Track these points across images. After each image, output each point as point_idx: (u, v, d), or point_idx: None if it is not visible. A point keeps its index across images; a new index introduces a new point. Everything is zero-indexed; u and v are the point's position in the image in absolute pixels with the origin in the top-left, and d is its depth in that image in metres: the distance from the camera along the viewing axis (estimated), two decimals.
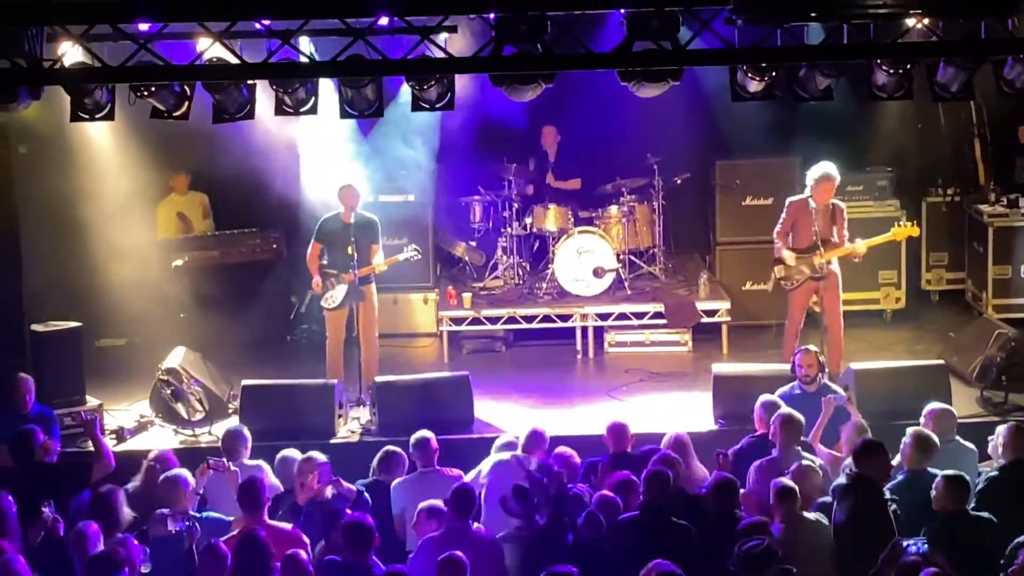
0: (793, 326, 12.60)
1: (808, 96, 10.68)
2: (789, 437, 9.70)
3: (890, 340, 13.98)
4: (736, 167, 14.80)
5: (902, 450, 9.46)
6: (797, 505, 8.70)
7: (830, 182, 12.30)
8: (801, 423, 9.84)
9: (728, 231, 14.87)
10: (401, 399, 11.75)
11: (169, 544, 8.67)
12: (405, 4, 9.67)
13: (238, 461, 9.90)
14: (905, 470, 9.40)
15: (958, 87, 10.58)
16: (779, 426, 9.75)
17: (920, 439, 9.40)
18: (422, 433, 9.98)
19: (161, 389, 12.04)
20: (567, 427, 11.62)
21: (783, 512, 8.64)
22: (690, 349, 14.15)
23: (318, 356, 13.04)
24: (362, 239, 12.32)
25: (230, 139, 13.15)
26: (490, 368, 13.66)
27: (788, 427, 9.72)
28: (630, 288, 14.52)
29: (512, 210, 14.88)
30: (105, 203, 13.93)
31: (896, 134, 14.92)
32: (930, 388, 11.14)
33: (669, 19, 9.61)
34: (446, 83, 10.56)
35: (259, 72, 10.21)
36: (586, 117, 14.96)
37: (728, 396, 11.63)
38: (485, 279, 15.01)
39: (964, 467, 9.37)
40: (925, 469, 9.27)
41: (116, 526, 8.86)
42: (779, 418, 9.79)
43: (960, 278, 15.10)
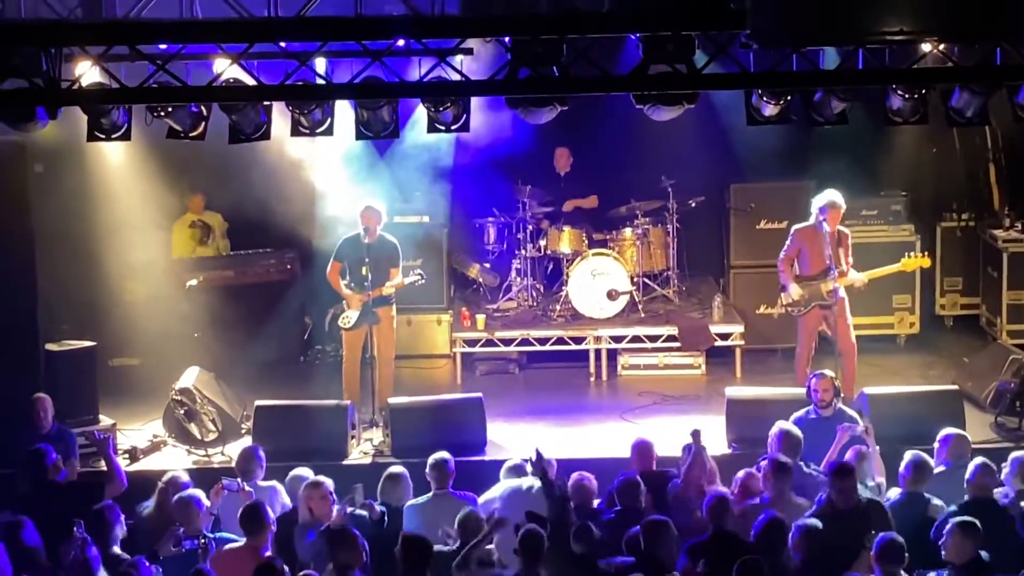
0: (804, 351, 12.59)
1: (823, 120, 10.69)
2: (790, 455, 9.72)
3: (904, 365, 13.95)
4: (750, 190, 14.80)
5: (900, 474, 9.53)
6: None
7: (836, 209, 12.30)
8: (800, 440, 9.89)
9: (742, 254, 14.86)
10: (414, 421, 11.75)
11: (182, 563, 8.67)
12: (422, 27, 9.69)
13: (252, 481, 9.91)
14: (903, 491, 9.49)
15: (973, 112, 10.58)
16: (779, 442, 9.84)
17: (918, 465, 9.46)
18: (440, 455, 9.94)
19: (174, 409, 12.05)
20: (580, 450, 11.60)
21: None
22: (703, 372, 14.14)
23: (331, 377, 13.07)
24: (380, 260, 12.33)
25: (246, 159, 13.19)
26: (503, 390, 13.66)
27: (780, 473, 9.58)
28: (644, 311, 14.52)
29: (526, 232, 14.90)
30: (120, 222, 13.99)
31: (911, 159, 14.92)
32: (944, 413, 11.14)
33: (685, 43, 9.62)
34: (462, 105, 10.59)
35: (276, 94, 10.24)
36: (601, 139, 14.99)
37: (741, 420, 11.61)
38: (499, 301, 15.01)
39: None
40: (920, 492, 9.38)
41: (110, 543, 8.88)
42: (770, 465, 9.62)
43: (975, 303, 15.08)
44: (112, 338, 13.73)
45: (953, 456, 9.87)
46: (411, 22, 9.63)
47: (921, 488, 9.41)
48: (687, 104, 10.36)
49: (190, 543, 8.80)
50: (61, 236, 13.62)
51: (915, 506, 9.31)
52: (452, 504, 9.58)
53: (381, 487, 9.86)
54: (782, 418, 10.62)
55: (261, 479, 10.10)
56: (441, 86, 10.23)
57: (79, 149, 12.58)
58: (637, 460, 10.14)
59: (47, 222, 12.78)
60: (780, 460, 9.62)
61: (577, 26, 9.68)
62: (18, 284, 11.95)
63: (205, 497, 9.36)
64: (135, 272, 14.14)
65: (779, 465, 9.56)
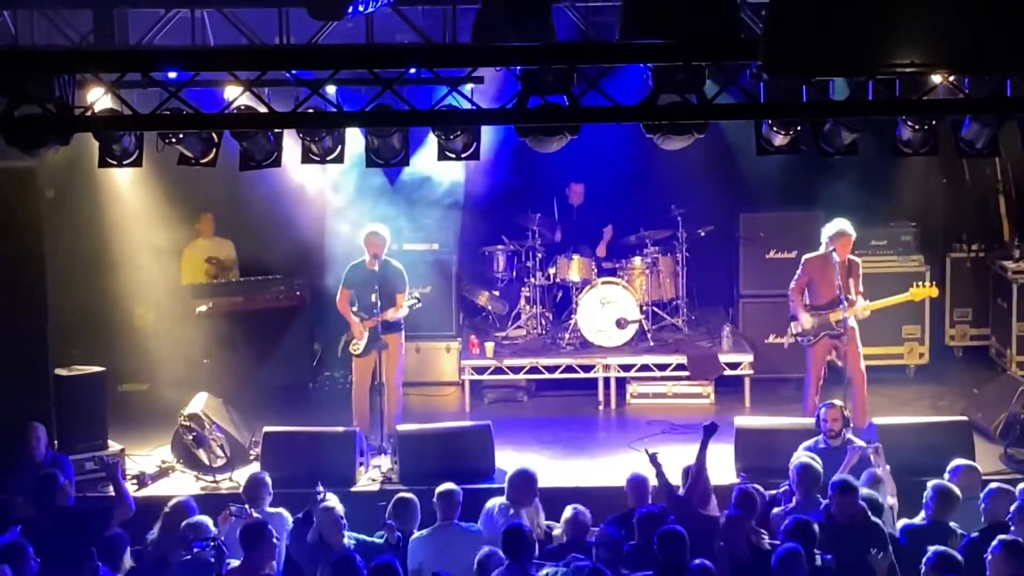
0: (814, 381, 12.57)
1: (833, 151, 10.71)
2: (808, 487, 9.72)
3: (913, 396, 13.92)
4: (760, 220, 14.80)
5: (926, 502, 9.54)
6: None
7: (847, 237, 12.31)
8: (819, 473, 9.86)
9: (751, 284, 14.85)
10: (423, 448, 11.74)
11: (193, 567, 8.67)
12: (433, 55, 9.73)
13: (260, 508, 9.91)
14: (928, 518, 9.50)
15: (983, 143, 10.61)
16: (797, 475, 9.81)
17: (943, 493, 9.48)
18: (448, 486, 9.92)
19: (183, 435, 12.05)
20: (588, 478, 11.60)
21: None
22: (713, 401, 14.12)
23: (340, 404, 13.07)
24: (387, 287, 12.34)
25: (256, 186, 13.22)
26: (512, 418, 13.65)
27: (806, 476, 9.73)
28: (653, 340, 14.52)
29: (535, 260, 14.90)
30: (130, 247, 14.02)
31: (921, 189, 14.92)
32: (953, 444, 11.12)
33: (695, 73, 9.65)
34: (472, 133, 10.62)
35: (287, 121, 10.28)
36: (611, 168, 15.02)
37: (750, 449, 11.59)
38: (508, 328, 15.01)
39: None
40: (947, 523, 9.37)
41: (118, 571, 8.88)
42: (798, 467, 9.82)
43: (984, 334, 15.05)
44: (122, 363, 13.76)
45: (964, 487, 9.84)
46: (422, 51, 9.69)
47: (947, 518, 9.41)
48: (697, 134, 10.39)
49: (199, 544, 8.79)
50: (71, 261, 13.65)
51: (939, 534, 9.24)
52: (458, 536, 9.57)
53: (391, 512, 9.85)
54: (791, 448, 10.64)
55: (268, 505, 10.09)
56: (451, 114, 10.27)
57: (90, 175, 12.62)
58: (632, 496, 10.08)
59: (58, 247, 12.81)
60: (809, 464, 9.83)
61: (588, 56, 9.73)
62: (28, 309, 11.97)
63: (212, 523, 9.35)
64: (145, 298, 14.17)
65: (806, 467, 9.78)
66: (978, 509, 9.64)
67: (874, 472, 10.06)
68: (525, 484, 10.11)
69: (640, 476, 10.20)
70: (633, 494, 10.08)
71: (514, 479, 10.16)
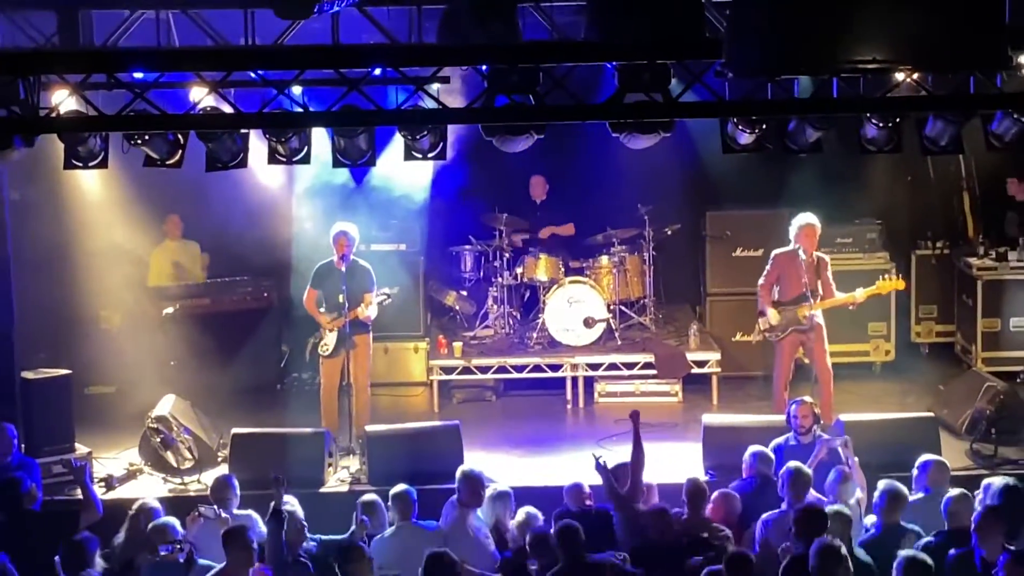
0: (781, 378, 12.62)
1: (798, 149, 10.78)
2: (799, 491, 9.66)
3: (880, 392, 13.98)
4: (726, 218, 14.87)
5: (875, 504, 9.51)
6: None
7: (812, 230, 12.38)
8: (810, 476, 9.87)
9: (718, 282, 14.91)
10: (391, 448, 11.72)
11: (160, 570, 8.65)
12: (399, 55, 9.74)
13: (228, 510, 9.87)
14: (879, 524, 9.43)
15: (947, 141, 10.67)
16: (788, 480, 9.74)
17: (892, 495, 9.43)
18: (401, 487, 9.92)
19: (150, 437, 12.01)
20: (557, 477, 11.59)
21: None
22: (680, 399, 14.15)
23: (308, 405, 13.05)
24: (354, 286, 12.33)
25: (222, 187, 13.19)
26: (480, 417, 13.65)
27: (797, 481, 9.71)
28: (620, 338, 14.55)
29: (503, 260, 14.92)
30: (96, 250, 13.97)
31: (885, 187, 14.99)
32: (920, 441, 11.17)
33: (660, 72, 9.69)
34: (439, 133, 10.63)
35: (253, 122, 10.27)
36: (577, 167, 15.05)
37: (718, 447, 11.63)
38: (476, 328, 15.02)
39: None
40: (898, 522, 9.34)
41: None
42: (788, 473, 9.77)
43: (949, 331, 15.15)
44: (88, 366, 13.71)
45: (933, 483, 9.89)
46: (388, 50, 9.69)
47: (896, 517, 9.40)
48: (663, 132, 10.43)
49: (165, 548, 8.75)
50: (37, 264, 13.59)
51: (892, 537, 9.20)
52: (417, 535, 9.57)
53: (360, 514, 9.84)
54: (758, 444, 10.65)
55: (236, 507, 10.06)
56: (418, 114, 10.28)
57: (56, 177, 12.55)
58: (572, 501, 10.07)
59: (23, 250, 12.76)
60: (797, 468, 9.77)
61: (554, 55, 9.76)
62: None
63: (180, 525, 9.33)
64: (111, 300, 14.12)
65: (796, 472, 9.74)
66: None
67: (842, 471, 10.07)
68: (470, 485, 10.07)
69: (578, 484, 10.20)
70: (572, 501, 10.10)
71: (459, 480, 10.13)
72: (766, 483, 10.15)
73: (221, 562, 9.08)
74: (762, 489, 10.10)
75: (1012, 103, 10.24)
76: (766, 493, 9.98)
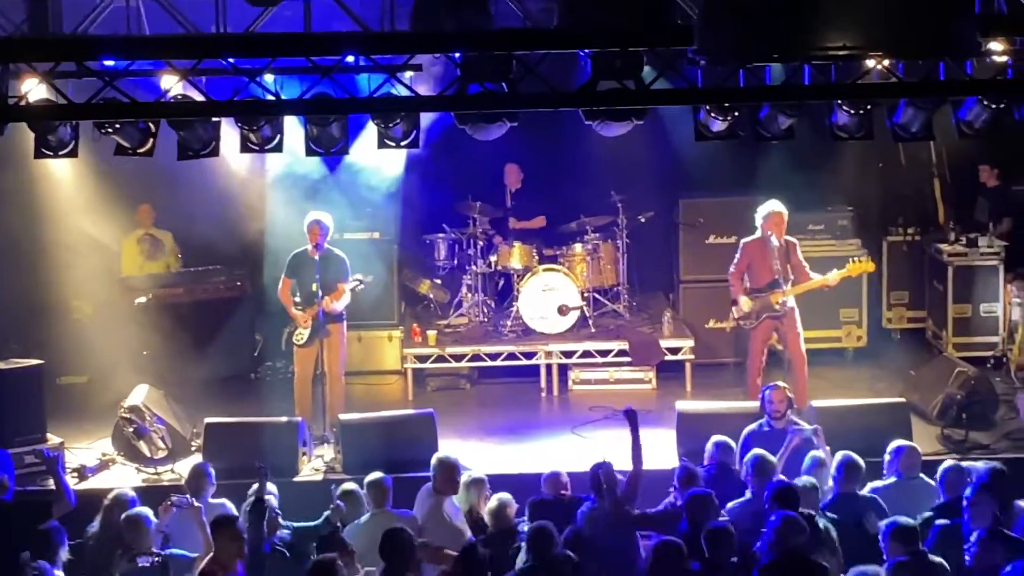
0: (755, 364, 12.66)
1: (770, 136, 10.81)
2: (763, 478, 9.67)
3: (852, 378, 14.04)
4: (699, 206, 14.89)
5: (833, 476, 9.68)
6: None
7: (779, 216, 12.42)
8: (773, 464, 9.88)
9: (692, 269, 14.94)
10: (366, 437, 11.72)
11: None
12: (371, 43, 9.71)
13: (203, 499, 9.84)
14: (836, 492, 9.63)
15: (918, 127, 10.72)
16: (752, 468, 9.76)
17: (848, 466, 9.61)
18: (376, 475, 9.91)
19: (123, 427, 11.98)
20: (531, 465, 11.62)
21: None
22: (654, 387, 14.19)
23: (282, 394, 13.03)
24: (328, 275, 12.31)
25: (194, 176, 13.14)
26: (455, 406, 13.66)
27: (760, 468, 9.73)
28: (594, 326, 14.57)
29: (477, 248, 14.92)
30: (68, 239, 13.93)
31: (857, 174, 15.05)
32: (891, 426, 11.22)
33: (633, 59, 9.70)
34: (412, 121, 10.61)
35: (225, 110, 10.23)
36: (550, 155, 15.05)
37: (692, 433, 11.64)
38: (450, 317, 15.02)
39: (926, 504, 9.47)
40: (854, 492, 9.52)
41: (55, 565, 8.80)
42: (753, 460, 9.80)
43: (921, 317, 15.22)
44: (60, 356, 13.66)
45: (904, 468, 9.96)
46: (360, 38, 9.66)
47: (854, 488, 9.54)
48: (636, 120, 10.45)
49: (144, 560, 8.73)
50: (8, 253, 13.55)
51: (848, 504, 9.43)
52: (392, 523, 9.53)
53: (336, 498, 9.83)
54: (733, 431, 10.69)
55: (211, 496, 10.05)
56: (390, 102, 10.26)
57: (26, 166, 12.48)
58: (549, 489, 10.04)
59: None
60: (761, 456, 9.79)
61: (526, 42, 9.74)
62: None
63: (153, 515, 9.31)
64: (83, 289, 14.08)
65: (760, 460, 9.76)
66: (916, 491, 9.76)
67: (819, 457, 10.12)
68: (445, 472, 10.07)
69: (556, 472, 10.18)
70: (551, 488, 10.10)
71: (434, 467, 10.10)
72: (726, 472, 10.19)
73: (194, 550, 9.09)
74: (721, 478, 10.11)
75: (982, 89, 10.29)
76: (725, 482, 10.01)
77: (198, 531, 9.16)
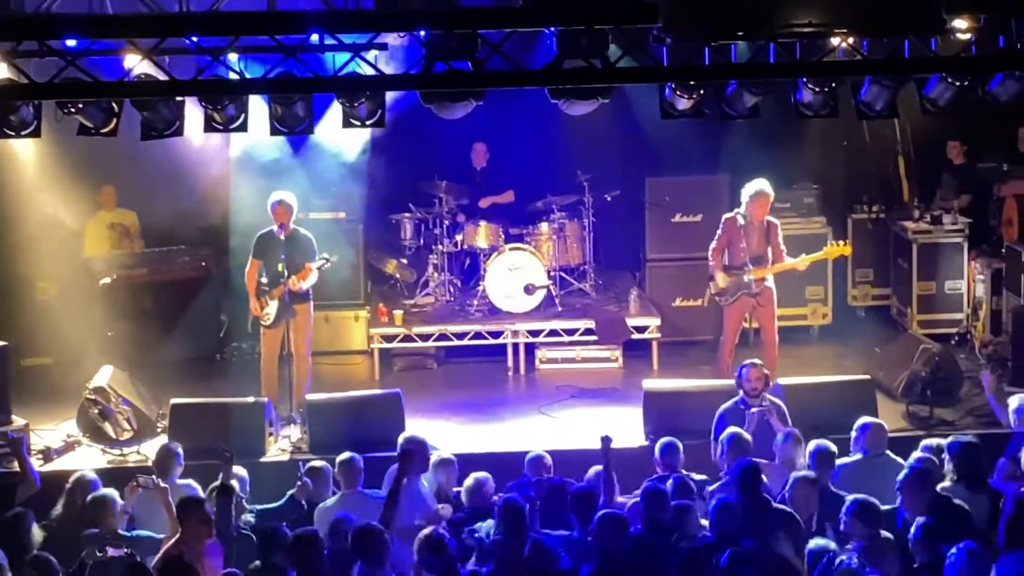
0: (728, 341, 12.68)
1: (736, 114, 10.80)
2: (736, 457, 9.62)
3: (817, 356, 14.11)
4: (666, 184, 14.90)
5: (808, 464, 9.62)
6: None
7: (765, 198, 12.42)
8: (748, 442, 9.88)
9: (658, 248, 14.96)
10: (332, 417, 11.71)
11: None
12: (336, 21, 9.66)
13: (170, 479, 9.81)
14: None
15: (882, 105, 10.74)
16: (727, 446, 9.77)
17: (822, 454, 9.58)
18: (348, 454, 9.87)
19: (88, 408, 11.92)
20: (498, 444, 11.64)
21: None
22: (620, 365, 14.21)
23: (248, 374, 13.00)
24: (294, 256, 12.26)
25: (159, 156, 13.07)
26: (422, 385, 13.65)
27: (734, 446, 9.75)
28: (561, 305, 14.58)
29: (443, 227, 14.90)
30: (31, 220, 13.83)
31: (822, 152, 15.09)
32: (857, 403, 11.27)
33: (598, 38, 9.68)
34: (377, 100, 10.57)
35: (188, 89, 10.15)
36: (516, 134, 15.03)
37: (658, 412, 11.69)
38: (416, 296, 15.00)
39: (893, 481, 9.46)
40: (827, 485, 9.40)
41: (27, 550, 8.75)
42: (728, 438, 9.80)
43: (886, 294, 15.29)
44: (24, 337, 13.59)
45: (870, 445, 9.97)
46: (325, 16, 9.60)
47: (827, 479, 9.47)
48: (602, 99, 10.43)
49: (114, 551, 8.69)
50: None
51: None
52: (364, 503, 9.53)
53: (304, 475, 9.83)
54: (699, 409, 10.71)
55: (179, 478, 10.01)
56: (355, 81, 10.21)
57: None
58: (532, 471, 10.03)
59: None
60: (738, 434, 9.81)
61: (492, 21, 9.70)
62: None
63: (119, 496, 9.27)
64: (47, 271, 13.99)
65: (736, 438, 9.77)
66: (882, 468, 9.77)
67: (792, 432, 10.11)
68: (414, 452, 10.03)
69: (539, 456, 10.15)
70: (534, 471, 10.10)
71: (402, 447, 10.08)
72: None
73: (159, 531, 9.06)
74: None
75: (946, 67, 10.31)
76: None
77: (164, 512, 9.14)
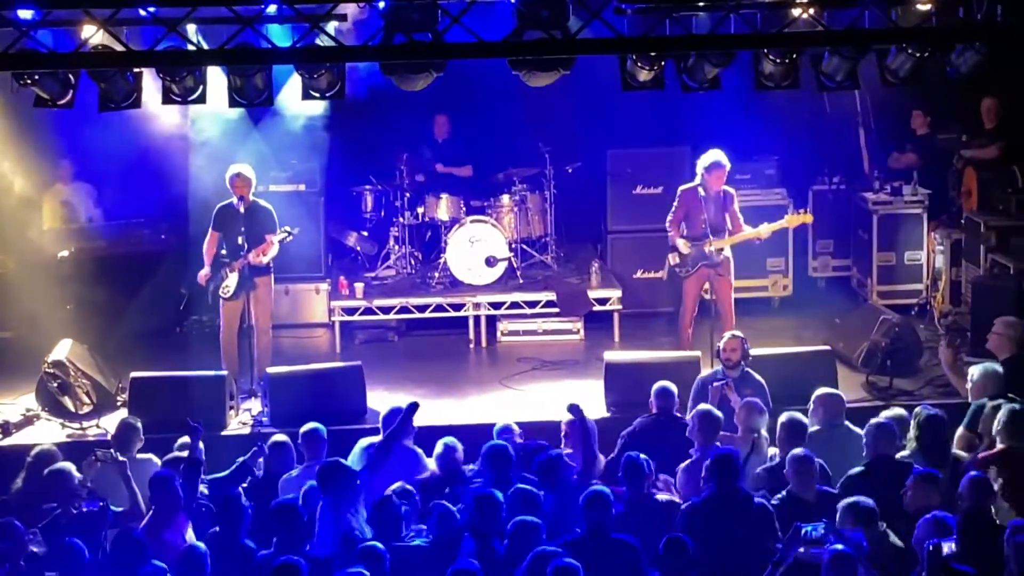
0: (688, 313, 12.71)
1: (697, 85, 10.78)
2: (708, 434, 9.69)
3: (778, 327, 14.12)
4: (627, 156, 14.91)
5: (777, 436, 9.60)
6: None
7: (720, 169, 12.43)
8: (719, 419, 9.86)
9: (619, 220, 14.97)
10: (293, 390, 11.69)
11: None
12: None
13: (129, 453, 9.77)
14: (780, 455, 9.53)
15: (843, 76, 10.74)
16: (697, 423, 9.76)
17: (792, 425, 9.55)
18: (311, 425, 9.92)
19: (47, 382, 11.85)
20: (460, 417, 11.64)
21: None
22: (582, 337, 14.22)
23: (208, 348, 12.93)
24: (255, 228, 12.20)
25: (117, 128, 12.96)
26: (383, 358, 13.61)
27: (706, 423, 9.72)
28: (522, 277, 14.58)
29: (404, 199, 14.86)
30: None
31: (783, 123, 15.09)
32: (817, 374, 11.31)
33: (559, 8, 9.65)
34: (337, 72, 10.50)
35: (145, 60, 10.07)
36: (478, 106, 14.98)
37: (619, 383, 11.72)
38: (377, 269, 14.97)
39: (852, 451, 9.54)
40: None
41: None
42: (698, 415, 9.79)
43: (846, 265, 15.35)
44: None
45: (829, 415, 10.02)
46: None
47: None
48: (562, 70, 10.39)
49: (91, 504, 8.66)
50: None
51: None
52: None
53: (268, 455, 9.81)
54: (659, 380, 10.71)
55: (138, 451, 9.96)
56: (314, 52, 10.15)
57: None
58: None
59: None
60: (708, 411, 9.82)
61: None
62: None
63: (76, 469, 9.23)
64: (4, 244, 13.86)
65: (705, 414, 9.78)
66: (842, 439, 9.82)
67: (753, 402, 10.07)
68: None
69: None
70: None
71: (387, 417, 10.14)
72: (669, 419, 10.23)
73: (118, 504, 9.03)
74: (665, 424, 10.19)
75: (907, 38, 10.33)
76: (669, 428, 10.09)
77: (123, 486, 9.11)
